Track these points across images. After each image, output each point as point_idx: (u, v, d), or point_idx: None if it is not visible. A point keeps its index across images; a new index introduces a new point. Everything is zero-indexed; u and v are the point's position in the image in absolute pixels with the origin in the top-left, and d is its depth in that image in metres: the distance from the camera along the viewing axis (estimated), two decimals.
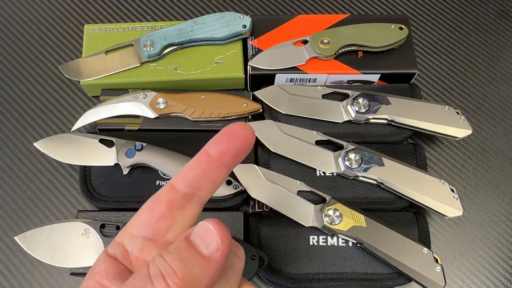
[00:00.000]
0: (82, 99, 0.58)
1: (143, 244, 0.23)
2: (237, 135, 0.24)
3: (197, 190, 0.24)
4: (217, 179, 0.25)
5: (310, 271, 0.46)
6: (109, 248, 0.24)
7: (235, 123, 0.25)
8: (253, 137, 0.25)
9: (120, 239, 0.24)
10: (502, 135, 0.58)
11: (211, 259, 0.21)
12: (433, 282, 0.44)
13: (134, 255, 0.24)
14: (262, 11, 0.64)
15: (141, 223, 0.24)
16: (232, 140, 0.24)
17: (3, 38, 0.62)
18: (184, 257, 0.21)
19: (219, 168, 0.24)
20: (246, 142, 0.25)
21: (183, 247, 0.21)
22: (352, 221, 0.45)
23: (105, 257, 0.24)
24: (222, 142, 0.24)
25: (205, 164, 0.24)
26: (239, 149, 0.24)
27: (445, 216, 0.47)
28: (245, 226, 0.48)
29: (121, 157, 0.49)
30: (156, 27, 0.57)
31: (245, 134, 0.24)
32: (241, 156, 0.25)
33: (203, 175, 0.24)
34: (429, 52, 0.62)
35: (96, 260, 0.24)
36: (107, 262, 0.23)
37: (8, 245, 0.51)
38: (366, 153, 0.49)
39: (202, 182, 0.24)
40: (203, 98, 0.52)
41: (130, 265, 0.24)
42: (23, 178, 0.54)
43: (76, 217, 0.48)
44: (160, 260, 0.21)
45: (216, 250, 0.21)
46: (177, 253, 0.21)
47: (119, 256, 0.24)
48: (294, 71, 0.54)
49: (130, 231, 0.24)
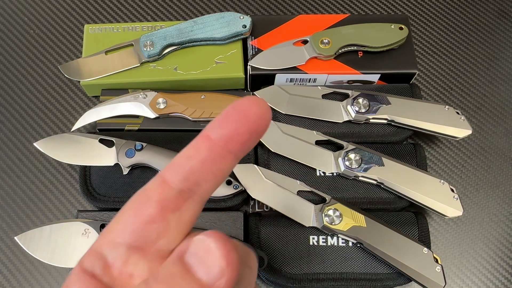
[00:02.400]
0: (82, 99, 0.58)
1: (128, 254, 0.18)
2: (249, 115, 0.18)
3: (196, 185, 0.18)
4: (221, 172, 0.19)
5: (310, 271, 0.46)
6: (85, 260, 0.18)
7: (246, 98, 0.18)
8: (270, 116, 0.19)
9: (99, 247, 0.19)
10: (502, 135, 0.58)
11: (213, 287, 0.16)
12: (433, 282, 0.44)
13: (117, 268, 0.18)
14: (262, 11, 0.64)
15: (125, 227, 0.18)
16: (242, 121, 0.18)
17: (3, 38, 0.62)
18: (176, 286, 0.16)
19: (224, 157, 0.18)
20: (260, 124, 0.18)
21: (176, 273, 0.16)
22: (352, 221, 0.45)
23: (80, 274, 0.18)
24: (229, 123, 0.18)
25: (206, 152, 0.18)
26: (251, 132, 0.18)
27: (445, 216, 0.47)
28: (245, 226, 0.48)
29: (121, 157, 0.49)
30: (156, 27, 0.57)
31: (259, 113, 0.18)
32: (253, 142, 0.19)
33: (204, 166, 0.18)
34: (429, 52, 0.62)
35: (69, 275, 0.18)
36: (83, 281, 0.18)
37: (8, 245, 0.51)
38: (366, 153, 0.49)
39: (203, 175, 0.18)
40: (203, 98, 0.52)
41: (111, 282, 0.18)
42: (23, 178, 0.54)
43: (76, 217, 0.48)
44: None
45: (220, 276, 0.16)
46: (167, 282, 0.16)
47: (97, 271, 0.18)
48: (294, 71, 0.54)
49: (112, 238, 0.18)
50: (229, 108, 0.18)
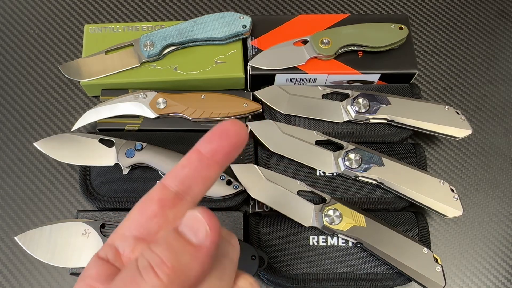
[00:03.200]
0: (82, 99, 0.58)
1: (135, 244, 0.23)
2: (229, 132, 0.24)
3: (189, 188, 0.24)
4: (209, 178, 0.24)
5: (310, 271, 0.46)
6: (100, 251, 0.24)
7: (226, 121, 0.24)
8: (246, 134, 0.24)
9: (111, 240, 0.24)
10: (502, 135, 0.58)
11: (200, 246, 0.21)
12: (433, 282, 0.44)
13: (126, 256, 0.23)
14: (262, 11, 0.64)
15: (132, 223, 0.23)
16: (224, 137, 0.24)
17: (3, 38, 0.62)
18: (172, 246, 0.21)
19: (211, 167, 0.24)
20: (239, 139, 0.24)
21: (171, 237, 0.21)
22: (352, 221, 0.45)
23: (97, 260, 0.23)
24: (214, 139, 0.24)
25: (197, 162, 0.24)
26: (231, 146, 0.24)
27: (445, 216, 0.47)
28: (245, 226, 0.48)
29: (121, 157, 0.49)
30: (156, 27, 0.57)
31: (237, 131, 0.24)
32: (234, 154, 0.24)
33: (195, 173, 0.24)
34: (429, 52, 0.63)
35: (87, 264, 0.23)
36: (99, 265, 0.23)
37: (8, 245, 0.51)
38: (366, 153, 0.49)
39: (194, 180, 0.24)
40: (203, 98, 0.52)
41: (122, 267, 0.23)
42: (23, 178, 0.54)
43: (76, 217, 0.48)
44: (149, 252, 0.21)
45: (205, 237, 0.21)
46: (165, 244, 0.21)
47: (110, 258, 0.23)
48: (294, 71, 0.54)
49: (121, 232, 0.24)
50: (213, 128, 0.24)
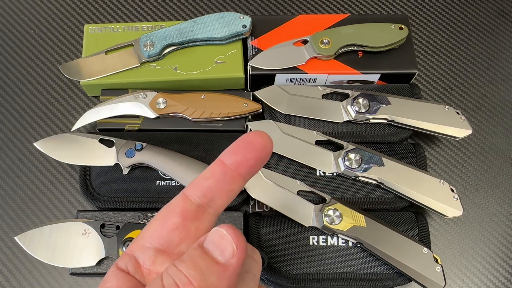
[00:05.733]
0: (82, 99, 0.58)
1: (156, 256, 0.22)
2: (255, 145, 0.23)
3: (211, 201, 0.23)
4: (232, 190, 0.23)
5: (310, 271, 0.46)
6: (119, 261, 0.23)
7: (252, 132, 0.23)
8: (271, 146, 0.24)
9: (131, 251, 0.23)
10: (502, 135, 0.58)
11: (227, 265, 0.20)
12: (433, 282, 0.44)
13: (146, 268, 0.23)
14: (262, 11, 0.64)
15: (153, 234, 0.23)
16: (249, 149, 0.23)
17: (3, 38, 0.62)
18: (198, 265, 0.20)
19: (235, 179, 0.23)
20: (264, 152, 0.23)
21: (197, 255, 0.20)
22: (352, 221, 0.45)
23: (116, 271, 0.23)
24: (239, 151, 0.23)
25: (221, 174, 0.23)
26: (256, 159, 0.23)
27: (445, 216, 0.47)
28: (245, 226, 0.48)
29: (121, 157, 0.49)
30: (156, 27, 0.57)
31: (263, 143, 0.23)
32: (258, 167, 0.24)
33: (218, 185, 0.23)
34: (429, 52, 0.62)
35: (106, 275, 0.23)
36: (118, 277, 0.22)
37: (8, 245, 0.51)
38: (366, 153, 0.49)
39: (217, 193, 0.23)
40: (203, 98, 0.52)
41: (142, 279, 0.23)
42: (23, 178, 0.54)
43: (76, 217, 0.48)
44: (174, 270, 0.20)
45: (232, 256, 0.20)
46: (191, 262, 0.20)
47: (130, 269, 0.23)
48: (294, 71, 0.54)
49: (142, 243, 0.23)
50: (239, 139, 0.23)
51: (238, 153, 0.23)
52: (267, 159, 0.24)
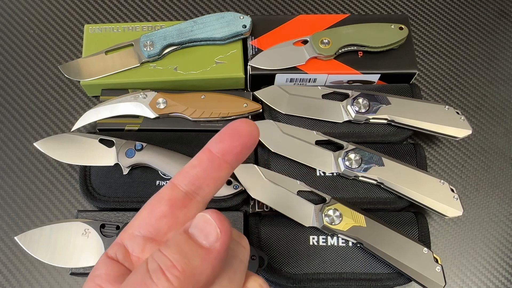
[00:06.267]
0: (82, 99, 0.58)
1: (145, 244, 0.23)
2: (241, 132, 0.23)
3: (199, 189, 0.23)
4: (219, 178, 0.24)
5: (310, 271, 0.46)
6: (109, 250, 0.23)
7: (238, 120, 0.24)
8: (258, 133, 0.24)
9: (121, 239, 0.23)
10: (502, 135, 0.58)
11: (211, 249, 0.21)
12: (433, 282, 0.44)
13: (135, 255, 0.23)
14: (262, 11, 0.64)
15: (142, 222, 0.23)
16: (235, 137, 0.23)
17: (3, 38, 0.62)
18: (182, 249, 0.20)
19: (222, 167, 0.23)
20: (250, 139, 0.24)
21: (182, 240, 0.21)
22: (352, 221, 0.45)
23: (106, 259, 0.23)
24: (225, 139, 0.23)
25: (207, 162, 0.23)
26: (242, 146, 0.23)
27: (445, 216, 0.47)
28: (245, 226, 0.48)
29: (121, 157, 0.49)
30: (156, 27, 0.57)
31: (249, 130, 0.23)
32: (245, 154, 0.24)
33: (205, 173, 0.23)
34: (429, 52, 0.62)
35: (97, 263, 0.23)
36: (108, 265, 0.23)
37: (8, 245, 0.51)
38: (366, 153, 0.49)
39: (204, 180, 0.23)
40: (203, 98, 0.52)
41: (131, 267, 0.23)
42: (23, 178, 0.54)
43: (76, 217, 0.48)
44: (159, 255, 0.20)
45: (215, 240, 0.21)
46: (175, 246, 0.20)
47: (120, 257, 0.23)
48: (294, 71, 0.54)
49: (131, 231, 0.23)
50: (226, 127, 0.23)
51: (224, 141, 0.23)
52: (254, 146, 0.24)
